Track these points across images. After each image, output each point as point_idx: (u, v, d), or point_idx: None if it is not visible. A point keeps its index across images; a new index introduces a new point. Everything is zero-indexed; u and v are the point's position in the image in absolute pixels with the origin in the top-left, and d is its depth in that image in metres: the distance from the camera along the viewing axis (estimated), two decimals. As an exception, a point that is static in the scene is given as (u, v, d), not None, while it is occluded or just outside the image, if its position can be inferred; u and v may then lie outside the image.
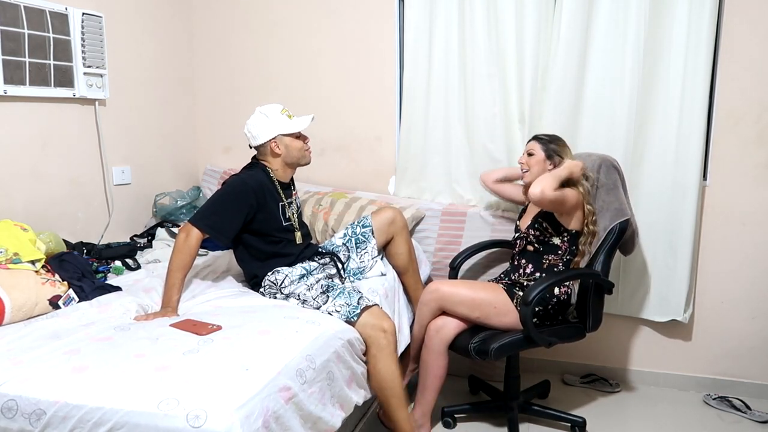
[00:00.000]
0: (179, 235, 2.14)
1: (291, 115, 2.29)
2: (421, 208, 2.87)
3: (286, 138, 2.27)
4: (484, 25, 2.77)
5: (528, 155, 2.41)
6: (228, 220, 2.17)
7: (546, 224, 2.32)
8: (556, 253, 2.34)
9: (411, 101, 2.93)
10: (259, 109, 2.30)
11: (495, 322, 2.27)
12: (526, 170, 2.41)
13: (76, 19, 2.54)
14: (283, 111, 2.28)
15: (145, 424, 1.33)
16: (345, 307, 2.05)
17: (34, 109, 2.45)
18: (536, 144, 2.40)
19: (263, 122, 2.26)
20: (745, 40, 2.56)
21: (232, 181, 2.24)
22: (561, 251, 2.34)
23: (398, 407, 2.05)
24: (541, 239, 2.33)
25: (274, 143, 2.26)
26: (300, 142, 2.30)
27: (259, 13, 3.20)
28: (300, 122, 2.29)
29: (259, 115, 2.28)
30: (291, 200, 2.35)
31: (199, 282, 2.30)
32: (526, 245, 2.39)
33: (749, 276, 2.71)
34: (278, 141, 2.26)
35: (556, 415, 2.49)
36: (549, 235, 2.32)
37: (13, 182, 2.39)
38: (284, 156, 2.29)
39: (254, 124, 2.27)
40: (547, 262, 2.35)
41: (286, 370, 1.57)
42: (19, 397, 1.43)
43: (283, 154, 2.28)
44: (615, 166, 2.38)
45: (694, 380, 2.84)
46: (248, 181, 2.22)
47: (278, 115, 2.26)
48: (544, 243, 2.34)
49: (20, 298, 1.91)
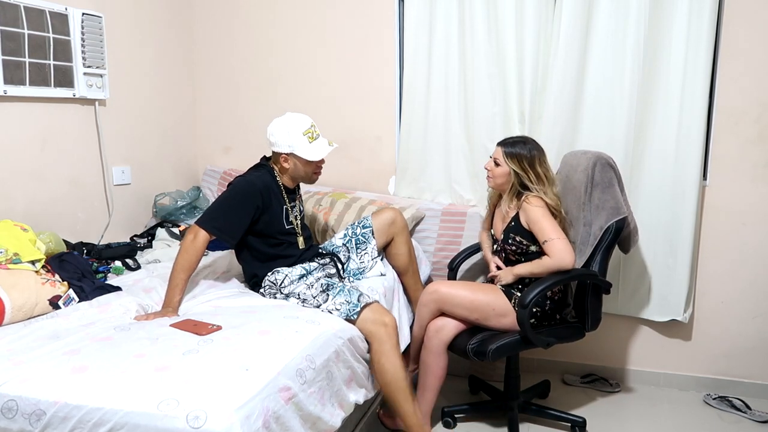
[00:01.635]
0: (186, 236, 2.14)
1: (314, 137, 2.25)
2: (421, 208, 2.87)
3: (300, 159, 2.25)
4: (484, 25, 2.77)
5: (495, 164, 2.35)
6: (235, 221, 2.17)
7: (519, 238, 2.31)
8: (540, 257, 2.31)
9: (411, 101, 2.93)
10: (287, 116, 2.26)
11: (494, 323, 2.27)
12: (490, 176, 2.39)
13: (76, 19, 2.54)
14: (307, 132, 2.23)
15: (145, 425, 1.34)
16: (345, 305, 2.05)
17: (34, 109, 2.45)
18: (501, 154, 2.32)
19: (283, 134, 2.22)
20: (745, 40, 2.56)
21: (239, 183, 2.23)
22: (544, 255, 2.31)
23: (404, 401, 2.05)
24: (519, 251, 2.33)
25: (284, 157, 2.25)
26: (312, 167, 2.28)
27: (259, 12, 3.20)
28: (317, 151, 2.25)
29: (283, 124, 2.24)
30: (294, 204, 2.35)
31: (200, 282, 2.30)
32: (508, 256, 2.38)
33: (749, 276, 2.71)
34: (290, 158, 2.25)
35: (556, 415, 2.49)
36: (525, 246, 2.31)
37: (13, 182, 2.39)
38: (291, 172, 2.28)
39: (275, 131, 2.24)
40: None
41: (286, 370, 1.57)
42: (19, 398, 1.43)
43: (291, 170, 2.28)
44: (610, 163, 2.37)
45: (694, 380, 2.84)
46: (255, 182, 2.21)
47: (299, 135, 2.22)
48: (524, 254, 2.33)
49: (20, 298, 1.91)
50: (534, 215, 2.24)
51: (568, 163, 2.53)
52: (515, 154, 2.31)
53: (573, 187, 2.42)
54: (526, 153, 2.30)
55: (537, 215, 2.23)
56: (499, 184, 2.38)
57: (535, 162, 2.30)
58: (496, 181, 2.37)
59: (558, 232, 2.21)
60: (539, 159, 2.32)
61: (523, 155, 2.30)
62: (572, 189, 2.42)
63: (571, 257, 2.18)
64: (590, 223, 2.34)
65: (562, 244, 2.19)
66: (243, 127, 3.30)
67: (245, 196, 2.18)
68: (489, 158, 2.41)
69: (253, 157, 2.43)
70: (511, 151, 2.32)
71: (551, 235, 2.20)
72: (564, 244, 2.19)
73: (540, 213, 2.23)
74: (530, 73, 2.74)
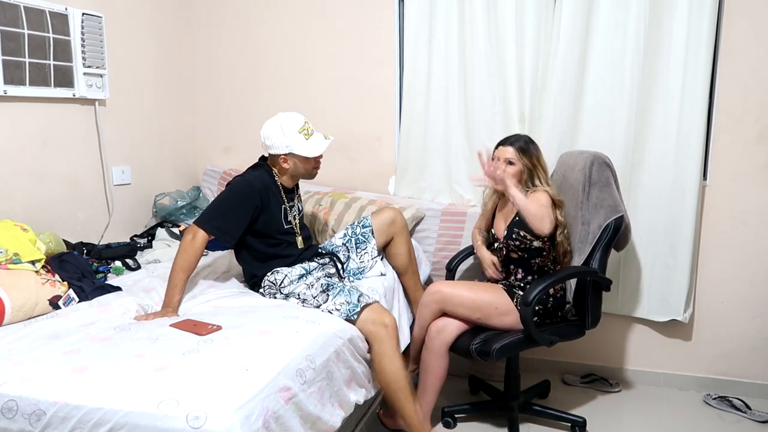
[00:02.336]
0: (185, 236, 2.14)
1: (309, 134, 2.24)
2: (421, 208, 2.87)
3: (298, 157, 2.25)
4: (484, 25, 2.77)
5: (509, 164, 2.32)
6: (234, 221, 2.17)
7: (523, 232, 2.30)
8: (541, 254, 2.33)
9: (411, 101, 2.93)
10: (279, 117, 2.24)
11: (496, 322, 2.27)
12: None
13: (76, 19, 2.54)
14: (302, 129, 2.23)
15: (145, 425, 1.34)
16: (345, 305, 2.05)
17: (34, 109, 2.45)
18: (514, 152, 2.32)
19: (279, 135, 2.21)
20: (745, 40, 2.56)
21: (237, 183, 2.23)
22: (545, 252, 2.33)
23: (405, 401, 2.05)
24: (522, 246, 2.32)
25: (283, 158, 2.24)
26: (311, 163, 2.28)
27: (259, 12, 3.20)
28: (315, 147, 2.24)
29: (277, 125, 2.22)
30: (293, 204, 2.35)
31: (200, 282, 2.30)
32: (509, 253, 2.38)
33: (749, 276, 2.71)
34: (289, 158, 2.24)
35: (556, 415, 2.49)
36: (529, 241, 2.30)
37: (13, 182, 2.39)
38: (291, 171, 2.28)
39: (269, 133, 2.23)
40: (536, 264, 2.34)
41: (286, 370, 1.57)
42: (19, 398, 1.43)
43: (291, 169, 2.27)
44: (607, 162, 2.37)
45: (694, 380, 2.84)
46: (253, 182, 2.21)
47: (295, 133, 2.21)
48: (527, 249, 2.32)
49: (20, 299, 1.91)
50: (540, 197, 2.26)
51: (564, 163, 2.53)
52: (527, 150, 2.33)
53: (570, 186, 2.42)
54: (533, 149, 2.35)
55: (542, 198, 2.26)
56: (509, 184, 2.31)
57: (540, 156, 2.36)
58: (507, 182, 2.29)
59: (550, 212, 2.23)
60: (539, 153, 2.37)
61: (532, 151, 2.34)
62: (569, 188, 2.43)
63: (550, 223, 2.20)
64: (588, 222, 2.35)
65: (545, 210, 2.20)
66: (243, 127, 3.30)
67: (244, 195, 2.18)
68: (493, 161, 2.36)
69: (253, 157, 2.43)
70: (523, 147, 2.34)
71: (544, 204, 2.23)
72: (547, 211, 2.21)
73: (544, 198, 2.26)
74: (530, 73, 2.74)
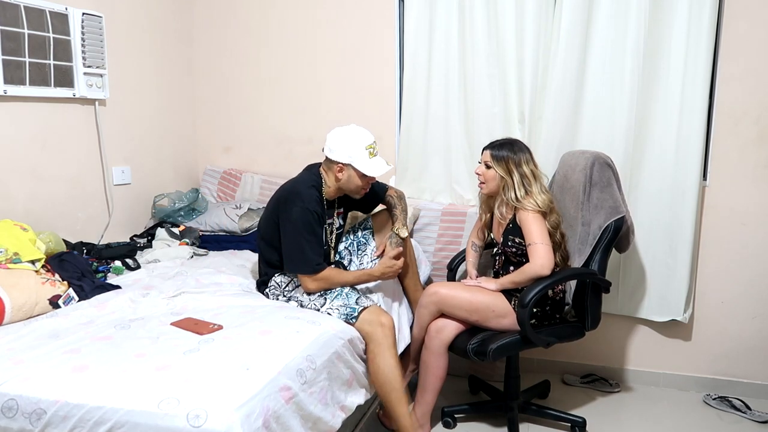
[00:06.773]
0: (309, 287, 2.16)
1: (374, 153, 2.24)
2: (421, 208, 2.87)
3: (355, 171, 2.22)
4: (484, 25, 2.77)
5: (486, 167, 2.33)
6: (318, 248, 2.18)
7: (518, 239, 2.29)
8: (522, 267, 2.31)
9: (411, 101, 2.94)
10: (352, 127, 2.25)
11: (494, 324, 2.27)
12: (482, 182, 2.36)
13: (76, 19, 2.54)
14: (369, 147, 2.22)
15: (146, 424, 1.34)
16: (343, 308, 2.06)
17: (34, 109, 2.45)
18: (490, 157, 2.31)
19: (345, 143, 2.20)
20: (745, 40, 2.57)
21: (300, 215, 2.15)
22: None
23: (398, 403, 2.05)
24: (519, 252, 2.31)
25: (340, 167, 2.22)
26: (364, 182, 2.26)
27: (259, 12, 3.21)
28: (375, 168, 2.22)
29: (346, 134, 2.22)
30: (332, 221, 2.34)
31: (200, 282, 2.31)
32: (508, 258, 2.38)
33: (749, 276, 2.71)
34: (346, 169, 2.22)
35: (556, 415, 2.49)
36: (524, 247, 2.28)
37: (13, 182, 2.39)
38: (342, 183, 2.25)
39: (336, 139, 2.22)
40: None
41: (287, 370, 1.57)
42: (20, 397, 1.43)
43: (343, 181, 2.25)
44: (608, 163, 2.37)
45: (694, 380, 2.84)
46: (310, 207, 2.16)
47: (361, 148, 2.20)
48: (524, 254, 2.30)
49: (20, 298, 1.91)
50: (525, 217, 2.24)
51: (566, 163, 2.53)
52: (500, 157, 2.29)
53: (571, 186, 2.42)
54: (512, 154, 2.29)
55: (528, 218, 2.23)
56: (492, 188, 2.34)
57: (523, 159, 2.29)
58: (489, 186, 2.34)
59: (543, 237, 2.20)
60: (525, 158, 2.30)
61: (509, 156, 2.29)
62: (570, 189, 2.43)
63: (550, 263, 2.17)
64: (589, 223, 2.35)
65: (544, 249, 2.18)
66: (243, 127, 3.30)
67: (312, 226, 2.16)
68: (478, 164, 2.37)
69: (254, 157, 2.42)
70: (495, 155, 2.30)
71: (536, 240, 2.20)
72: (546, 250, 2.18)
73: (531, 217, 2.23)
74: (530, 73, 2.75)
